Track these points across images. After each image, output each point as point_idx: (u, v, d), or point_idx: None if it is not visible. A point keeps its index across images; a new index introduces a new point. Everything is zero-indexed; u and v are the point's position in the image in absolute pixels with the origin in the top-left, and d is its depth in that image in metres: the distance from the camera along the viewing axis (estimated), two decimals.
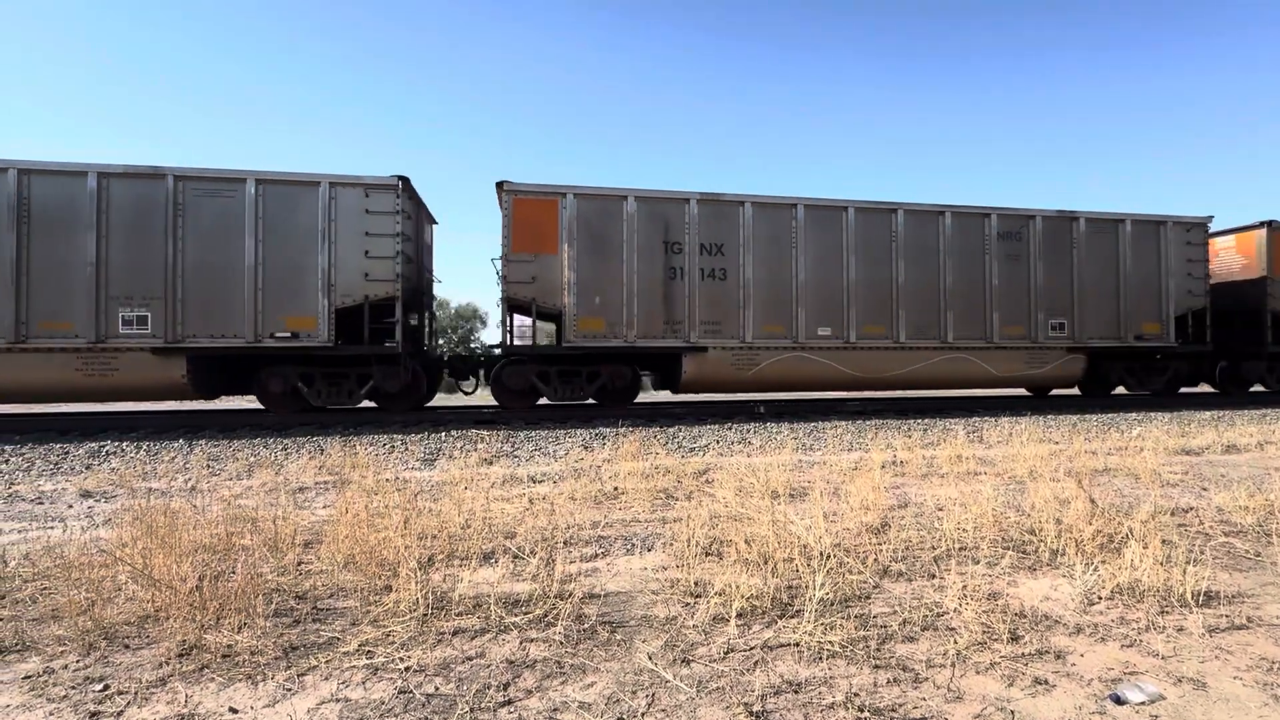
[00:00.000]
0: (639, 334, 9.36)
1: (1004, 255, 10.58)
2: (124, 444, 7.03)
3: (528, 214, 9.12)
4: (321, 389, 8.91)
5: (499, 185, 9.09)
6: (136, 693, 1.90)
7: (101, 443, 7.10)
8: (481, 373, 10.23)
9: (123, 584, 2.69)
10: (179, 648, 2.15)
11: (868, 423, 8.92)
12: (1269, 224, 11.95)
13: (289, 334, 8.40)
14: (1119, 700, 1.83)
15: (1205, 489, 4.81)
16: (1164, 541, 3.12)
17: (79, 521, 4.07)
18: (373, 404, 9.65)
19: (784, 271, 9.84)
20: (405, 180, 8.77)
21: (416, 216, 9.73)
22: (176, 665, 2.05)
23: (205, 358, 8.49)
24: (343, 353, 8.69)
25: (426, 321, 10.70)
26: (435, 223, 10.81)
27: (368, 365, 8.96)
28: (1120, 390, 12.50)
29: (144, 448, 6.87)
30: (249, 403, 10.53)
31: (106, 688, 1.93)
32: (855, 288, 10.02)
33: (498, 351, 9.90)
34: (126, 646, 2.20)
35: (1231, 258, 12.50)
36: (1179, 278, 11.27)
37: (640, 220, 9.39)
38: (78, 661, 2.10)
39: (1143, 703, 1.82)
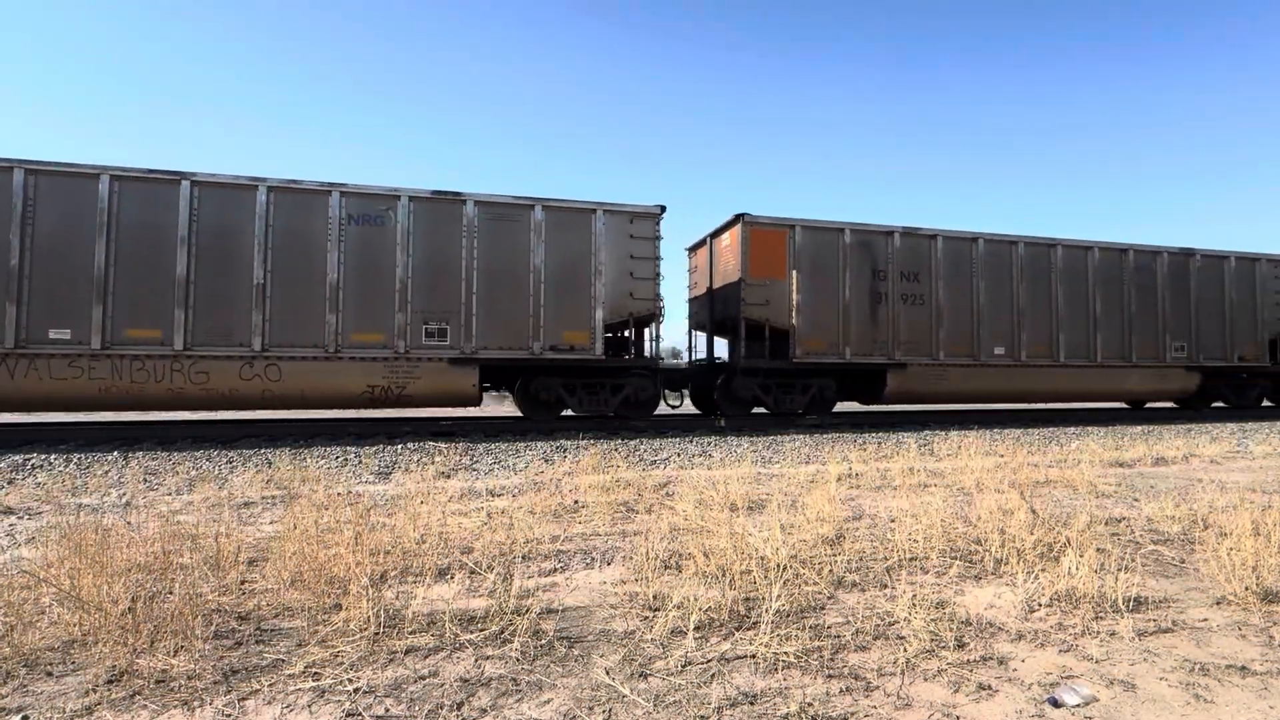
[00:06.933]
0: None
1: (357, 243, 8.53)
2: (51, 456, 6.61)
3: None
4: None
5: None
6: None
7: (27, 455, 6.66)
8: None
9: (47, 607, 2.53)
10: (108, 674, 2.03)
11: (824, 436, 9.13)
12: (742, 217, 9.91)
13: None
14: (1056, 703, 1.91)
15: (1136, 499, 5.09)
16: (1099, 550, 3.29)
17: None
18: None
19: (81, 258, 7.73)
20: None
21: None
22: (105, 692, 1.93)
23: None
24: None
25: None
26: None
27: None
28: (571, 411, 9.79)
29: (74, 461, 6.48)
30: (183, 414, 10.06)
31: (25, 719, 1.81)
32: (192, 285, 8.07)
33: None
34: (49, 674, 2.07)
35: (733, 259, 10.28)
36: (618, 277, 9.24)
37: None
38: None
39: (1078, 705, 1.90)
